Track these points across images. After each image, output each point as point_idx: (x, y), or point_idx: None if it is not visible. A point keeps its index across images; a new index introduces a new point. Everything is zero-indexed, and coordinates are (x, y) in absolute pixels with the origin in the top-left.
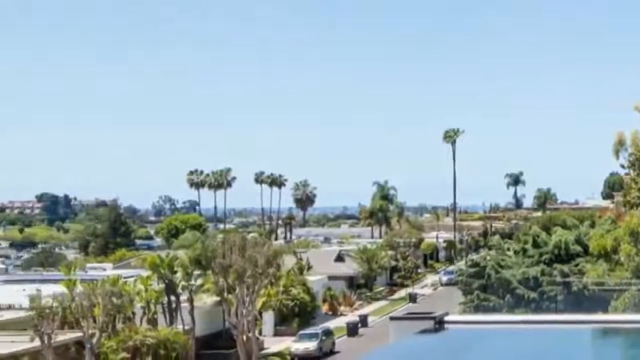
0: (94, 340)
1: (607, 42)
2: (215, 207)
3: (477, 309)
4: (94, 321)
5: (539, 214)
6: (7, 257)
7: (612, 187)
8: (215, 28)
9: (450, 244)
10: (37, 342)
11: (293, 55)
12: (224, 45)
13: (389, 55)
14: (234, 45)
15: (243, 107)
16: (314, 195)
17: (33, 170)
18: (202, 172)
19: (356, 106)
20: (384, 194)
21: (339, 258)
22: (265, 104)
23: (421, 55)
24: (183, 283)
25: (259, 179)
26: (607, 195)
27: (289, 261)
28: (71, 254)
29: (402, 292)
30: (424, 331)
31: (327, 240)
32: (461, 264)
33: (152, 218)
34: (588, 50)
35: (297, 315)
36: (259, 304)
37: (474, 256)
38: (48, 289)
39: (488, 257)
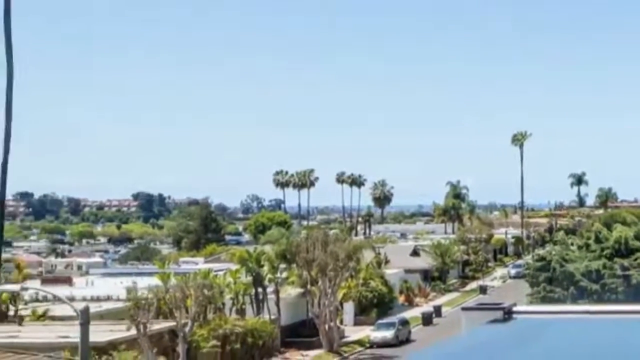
0: (187, 329)
1: None
2: (299, 205)
3: (543, 300)
4: (187, 311)
5: (601, 211)
6: (106, 251)
7: None
8: (296, 36)
9: (518, 240)
10: (133, 331)
11: (371, 62)
12: (303, 52)
13: (465, 61)
14: (314, 52)
15: (326, 111)
16: (391, 194)
17: (130, 170)
18: (287, 173)
19: (431, 111)
20: (457, 193)
21: (415, 253)
22: (346, 108)
23: (493, 62)
24: (269, 276)
25: (340, 179)
26: None
27: (368, 255)
28: (165, 249)
29: (473, 285)
30: (493, 321)
31: (403, 236)
32: (528, 258)
33: (241, 215)
34: None
35: (375, 305)
36: (340, 295)
37: (540, 251)
38: (144, 282)
39: (553, 252)
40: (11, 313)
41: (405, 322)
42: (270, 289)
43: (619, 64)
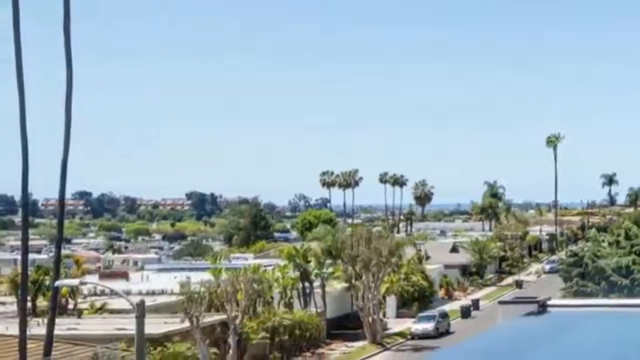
0: (237, 321)
1: None
2: (344, 204)
3: (576, 294)
4: (237, 305)
5: (631, 210)
6: (161, 248)
7: None
8: (337, 39)
9: (552, 237)
10: (186, 323)
11: (412, 66)
12: (351, 58)
13: (502, 67)
14: (357, 56)
15: (370, 114)
16: (432, 194)
17: (183, 171)
18: (332, 173)
19: (469, 114)
20: (494, 192)
21: (454, 249)
22: (389, 111)
23: (527, 68)
24: (316, 271)
25: (383, 179)
26: None
27: (409, 252)
28: (217, 246)
29: (510, 279)
30: (528, 314)
31: (443, 233)
32: (562, 254)
33: (289, 213)
34: None
35: (416, 299)
36: (382, 289)
37: (573, 247)
38: (196, 277)
39: (585, 248)
40: (70, 306)
41: (444, 315)
42: (316, 284)
43: None
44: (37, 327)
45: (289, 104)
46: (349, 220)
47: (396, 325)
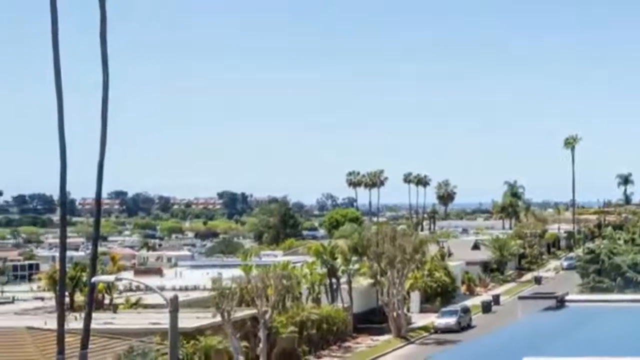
0: (267, 316)
1: None
2: (370, 203)
3: (593, 290)
4: (267, 300)
5: None
6: (193, 245)
7: None
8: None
9: (569, 235)
10: (218, 318)
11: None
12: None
13: (521, 73)
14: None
15: (394, 116)
16: (454, 193)
17: (215, 171)
18: (358, 173)
19: (490, 116)
20: (514, 192)
21: (475, 246)
22: (413, 113)
23: (546, 73)
24: (342, 267)
25: (407, 179)
26: None
27: (432, 249)
28: (247, 243)
29: (529, 276)
30: (547, 308)
31: (465, 231)
32: (579, 252)
33: (316, 212)
34: None
35: (439, 295)
36: (407, 285)
37: (590, 245)
38: (228, 273)
39: (602, 246)
40: (107, 301)
41: (466, 310)
42: (343, 279)
43: None
44: (75, 322)
45: (316, 107)
46: (375, 219)
47: (420, 319)
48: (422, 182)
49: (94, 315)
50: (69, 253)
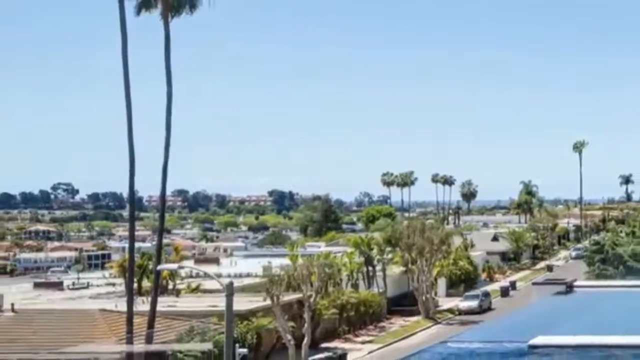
0: (311, 300)
1: None
2: (402, 200)
3: (598, 277)
4: (311, 285)
5: None
6: (246, 237)
7: None
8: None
9: (577, 228)
10: (268, 301)
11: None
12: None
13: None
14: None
15: (424, 124)
16: (476, 191)
17: (266, 172)
18: (392, 174)
19: (508, 122)
20: (528, 190)
21: (495, 238)
22: (441, 121)
23: (559, 83)
24: (378, 257)
25: (434, 179)
26: None
27: (457, 241)
28: (294, 236)
29: (542, 264)
30: (558, 293)
31: (485, 225)
32: (586, 243)
33: (355, 208)
34: None
35: (463, 281)
36: (434, 272)
37: (596, 237)
38: (277, 262)
39: (606, 238)
40: (170, 287)
41: (487, 294)
42: (378, 268)
43: None
44: (142, 305)
45: (355, 116)
46: (406, 214)
47: (446, 303)
48: (447, 182)
49: (159, 299)
50: (137, 244)
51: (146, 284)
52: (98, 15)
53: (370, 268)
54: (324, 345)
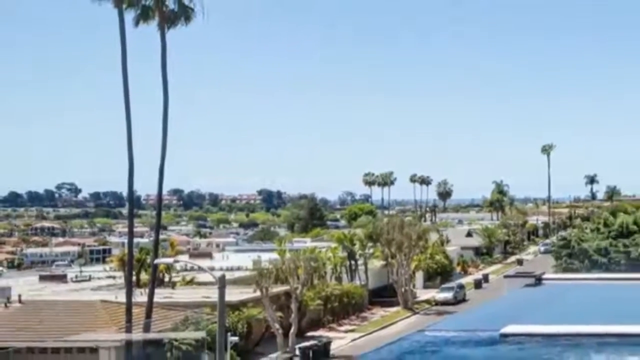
0: (298, 291)
1: None
2: (382, 199)
3: (565, 270)
4: (298, 278)
5: (608, 204)
6: (237, 233)
7: None
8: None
9: (546, 225)
10: (258, 293)
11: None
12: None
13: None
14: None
15: (403, 126)
16: (451, 191)
17: (255, 172)
18: (373, 174)
19: (480, 125)
20: (500, 190)
21: (469, 234)
22: (418, 124)
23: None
24: (360, 252)
25: (412, 179)
26: None
27: (433, 236)
28: (282, 232)
29: (512, 258)
30: (528, 285)
31: (460, 222)
32: (553, 239)
33: (338, 206)
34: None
35: (439, 274)
36: (412, 266)
37: (563, 233)
38: (266, 256)
39: (572, 234)
40: (166, 279)
41: (461, 286)
42: (360, 262)
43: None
44: (140, 296)
45: (338, 119)
46: (386, 212)
47: (423, 294)
48: (425, 181)
49: (156, 290)
50: (135, 240)
51: (144, 276)
52: (100, 24)
53: (352, 262)
54: (309, 334)
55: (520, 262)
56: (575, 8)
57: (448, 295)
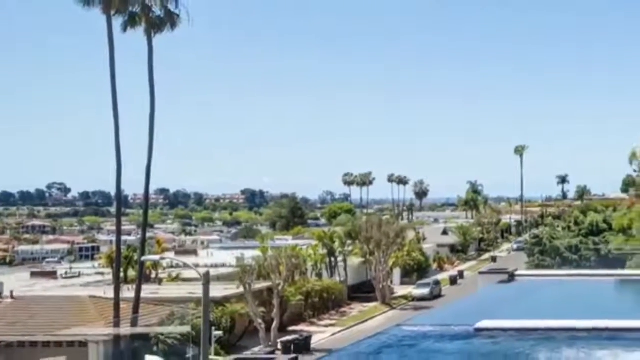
0: (280, 287)
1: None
2: (361, 198)
3: (537, 267)
4: (280, 275)
5: (579, 202)
6: (221, 231)
7: (628, 184)
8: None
9: (519, 223)
10: (241, 289)
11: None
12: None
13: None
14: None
15: (380, 128)
16: (428, 190)
17: (239, 173)
18: (352, 175)
19: (456, 127)
20: (475, 189)
21: (444, 232)
22: (395, 126)
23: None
24: (339, 249)
25: (390, 179)
26: (624, 190)
27: (410, 234)
28: (264, 230)
29: (487, 255)
30: (501, 281)
31: (436, 220)
32: (526, 237)
33: (319, 205)
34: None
35: (416, 271)
36: (390, 263)
37: (535, 231)
38: (249, 253)
39: (544, 232)
40: (153, 276)
41: (437, 282)
42: (340, 259)
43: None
44: (128, 292)
45: (318, 121)
46: (365, 211)
47: (400, 290)
48: (402, 181)
49: (143, 287)
50: (123, 237)
51: (131, 273)
52: (90, 29)
53: (332, 259)
54: (291, 328)
55: (494, 259)
56: (544, 12)
57: (424, 291)
